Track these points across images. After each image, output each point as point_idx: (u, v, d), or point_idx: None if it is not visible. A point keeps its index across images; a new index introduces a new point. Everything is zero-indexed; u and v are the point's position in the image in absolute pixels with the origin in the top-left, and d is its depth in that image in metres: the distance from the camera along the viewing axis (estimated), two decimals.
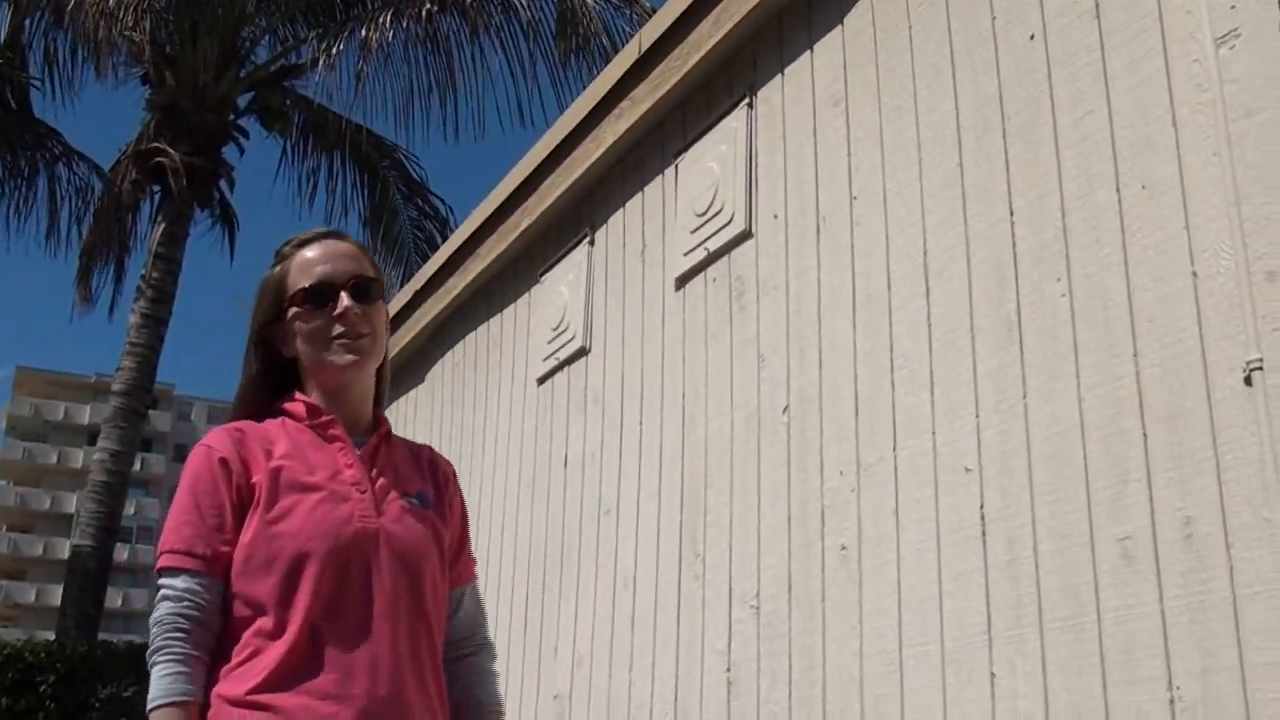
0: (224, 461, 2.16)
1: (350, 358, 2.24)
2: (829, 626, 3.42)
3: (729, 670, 3.79)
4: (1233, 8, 2.54)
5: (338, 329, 2.23)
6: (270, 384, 2.32)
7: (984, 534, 2.96)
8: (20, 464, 74.25)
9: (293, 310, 2.26)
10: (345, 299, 2.23)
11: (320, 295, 2.24)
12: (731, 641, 3.81)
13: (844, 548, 3.41)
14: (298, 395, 2.29)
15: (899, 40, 3.53)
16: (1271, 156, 2.41)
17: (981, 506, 2.98)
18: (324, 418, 2.25)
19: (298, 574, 2.07)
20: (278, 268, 2.32)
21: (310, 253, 2.29)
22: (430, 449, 2.47)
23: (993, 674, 2.88)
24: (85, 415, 71.42)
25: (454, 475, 2.45)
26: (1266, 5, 2.48)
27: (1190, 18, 2.65)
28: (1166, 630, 2.48)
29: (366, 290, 2.27)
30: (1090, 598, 2.66)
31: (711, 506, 4.01)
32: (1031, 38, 3.07)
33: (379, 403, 2.38)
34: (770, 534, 3.72)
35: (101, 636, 11.48)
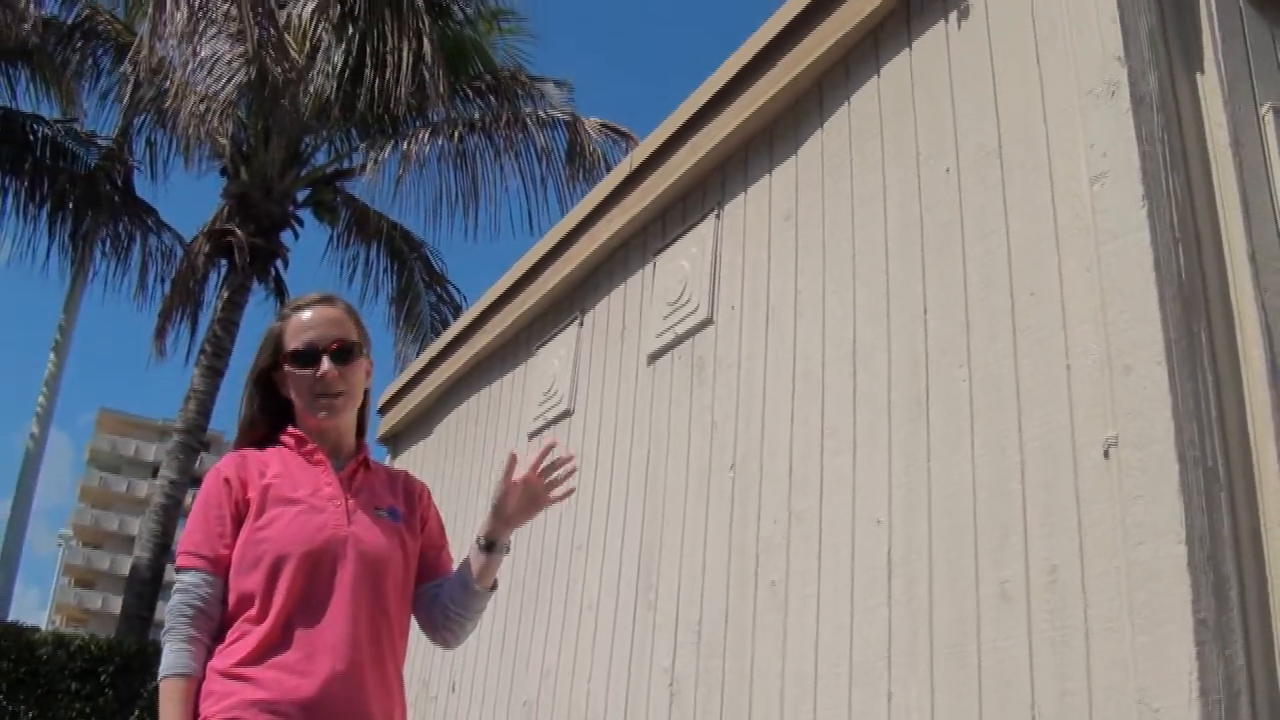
0: (227, 480, 2.25)
1: (324, 414, 2.33)
2: (758, 649, 3.41)
3: (672, 685, 3.77)
4: (1104, 155, 2.61)
5: (318, 388, 2.31)
6: (269, 417, 2.40)
7: (890, 575, 2.98)
8: (96, 490, 73.89)
9: (286, 366, 2.34)
10: (326, 363, 2.31)
11: (305, 358, 2.32)
12: (676, 660, 3.79)
13: (774, 583, 3.41)
14: (290, 429, 2.36)
15: (842, 169, 3.60)
16: (1131, 272, 2.47)
17: (889, 552, 3.00)
18: (309, 446, 2.33)
19: (277, 572, 2.14)
20: (278, 324, 2.40)
21: (304, 316, 2.37)
22: (406, 473, 2.53)
23: (890, 693, 2.88)
24: (151, 453, 70.81)
25: (427, 494, 2.51)
26: (1129, 154, 2.56)
27: (1071, 161, 2.72)
28: (1033, 659, 2.50)
29: (346, 353, 2.34)
30: (973, 630, 2.68)
31: (665, 545, 4.02)
32: (947, 171, 3.14)
33: (361, 433, 2.45)
34: (713, 570, 3.72)
35: (152, 638, 11.41)
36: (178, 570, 2.20)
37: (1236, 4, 2.94)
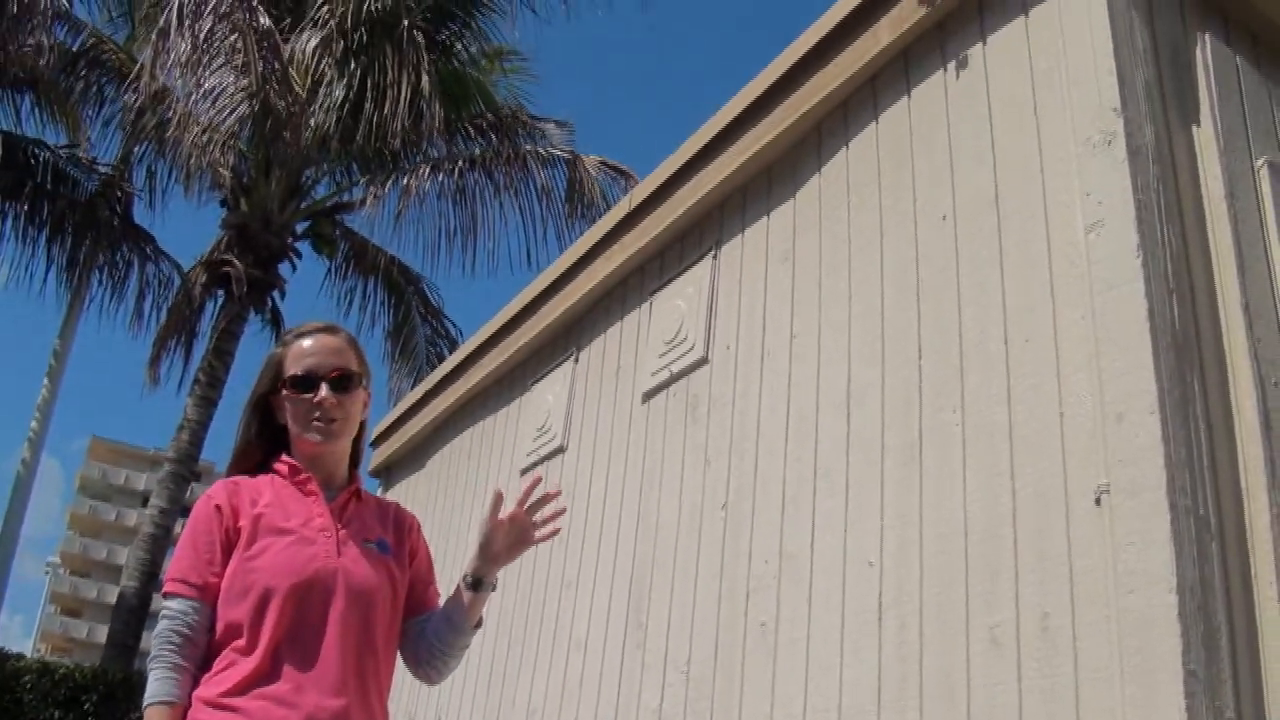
0: (218, 508, 2.24)
1: (319, 439, 2.32)
2: (746, 691, 3.39)
3: None
4: (1099, 204, 2.64)
5: (315, 414, 2.31)
6: (264, 445, 2.39)
7: (880, 618, 2.97)
8: (86, 518, 73.51)
9: (284, 391, 2.34)
10: (324, 389, 2.31)
11: (305, 384, 2.32)
12: (664, 701, 3.77)
13: (764, 624, 3.40)
14: (284, 457, 2.36)
15: (839, 212, 3.62)
16: (1124, 322, 2.48)
17: (880, 595, 2.99)
18: (302, 476, 2.32)
19: (266, 603, 2.13)
20: (280, 350, 2.40)
21: (306, 343, 2.37)
22: (397, 505, 2.52)
23: None
24: (142, 482, 70.61)
25: (417, 527, 2.49)
26: (1125, 204, 2.58)
27: (1067, 210, 2.74)
28: (1022, 706, 2.49)
29: (346, 382, 2.34)
30: (962, 675, 2.66)
31: (655, 584, 4.00)
32: (944, 217, 3.16)
33: (356, 464, 2.44)
34: (703, 610, 3.70)
35: (137, 667, 11.32)
36: (165, 596, 2.19)
37: (1233, 60, 2.98)
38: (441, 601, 2.44)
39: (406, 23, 11.14)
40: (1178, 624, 2.17)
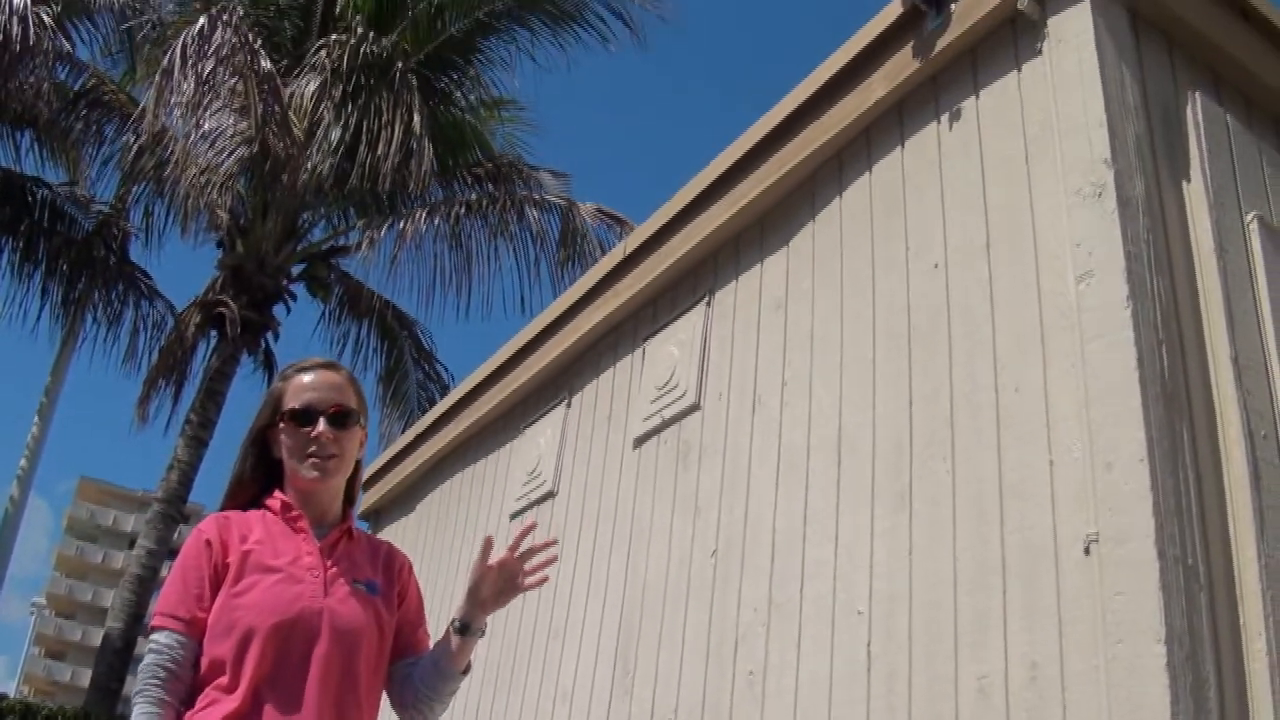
0: (209, 543, 2.23)
1: (315, 474, 2.31)
2: None
3: None
4: (1090, 254, 2.66)
5: (311, 448, 2.31)
6: (259, 480, 2.39)
7: (869, 668, 2.95)
8: (72, 559, 72.93)
9: (282, 424, 2.34)
10: (322, 424, 2.31)
11: (304, 417, 2.32)
12: None
13: (751, 673, 3.38)
14: (277, 493, 2.35)
15: (832, 261, 3.64)
16: (1114, 371, 2.49)
17: (868, 644, 2.98)
18: (294, 513, 2.31)
19: (250, 641, 2.12)
20: (280, 384, 2.41)
21: (306, 378, 2.37)
22: (389, 544, 2.50)
23: None
24: (130, 524, 70.09)
25: (408, 567, 2.48)
26: (1115, 254, 2.60)
27: (1058, 260, 2.77)
28: None
29: (344, 418, 2.34)
30: None
31: (644, 632, 3.98)
32: (936, 266, 3.18)
33: (351, 502, 2.43)
34: (691, 658, 3.68)
35: (121, 711, 11.16)
36: (152, 629, 2.18)
37: (1224, 118, 3.02)
38: (430, 645, 2.43)
39: (400, 65, 11.24)
40: (1166, 674, 2.16)
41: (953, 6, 3.29)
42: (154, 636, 2.17)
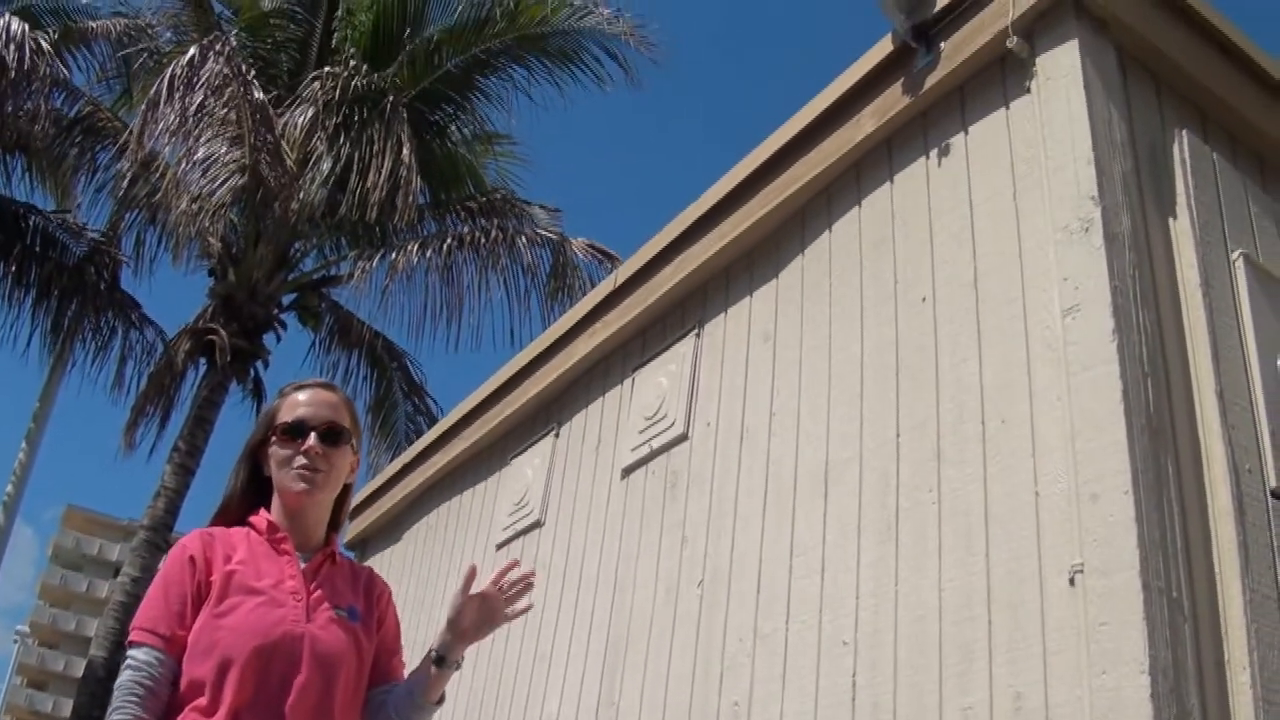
0: (192, 559, 2.21)
1: (302, 485, 2.30)
2: None
3: None
4: (1076, 288, 2.68)
5: (300, 460, 2.30)
6: (249, 500, 2.38)
7: (854, 699, 2.94)
8: (56, 587, 72.21)
9: (274, 438, 2.34)
10: (313, 438, 2.31)
11: (295, 431, 2.32)
12: None
13: (736, 704, 3.36)
14: (263, 512, 2.34)
15: (821, 293, 3.66)
16: (1099, 403, 2.51)
17: (854, 675, 2.97)
18: (278, 534, 2.30)
19: (230, 664, 2.10)
20: (276, 401, 2.41)
21: (301, 395, 2.38)
22: (370, 570, 2.49)
23: None
24: (115, 553, 69.49)
25: (388, 594, 2.47)
26: (1101, 289, 2.62)
27: (1044, 294, 2.78)
28: None
29: (335, 436, 2.34)
30: None
31: (629, 661, 3.96)
32: (924, 299, 3.20)
33: (336, 527, 2.42)
34: (676, 688, 3.66)
35: None
36: (130, 645, 2.15)
37: (1210, 156, 3.05)
38: (406, 673, 2.42)
39: (392, 97, 11.30)
40: (1150, 705, 2.16)
41: (942, 45, 3.33)
42: (131, 653, 2.14)
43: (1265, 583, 2.41)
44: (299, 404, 2.35)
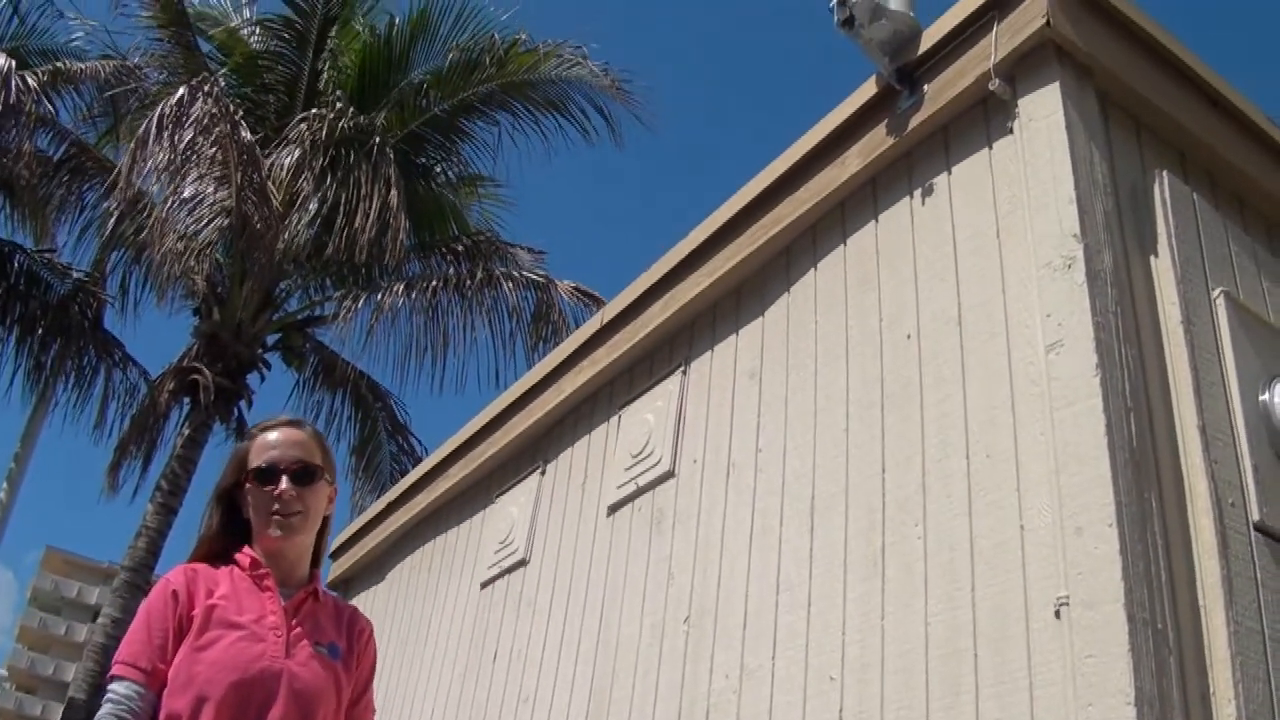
0: (175, 593, 2.23)
1: (279, 533, 2.33)
2: None
3: None
4: (1059, 325, 2.70)
5: (275, 506, 2.32)
6: (227, 536, 2.39)
7: None
8: (35, 631, 71.34)
9: (248, 484, 2.35)
10: (285, 482, 2.33)
11: (266, 475, 2.34)
12: None
13: None
14: (246, 549, 2.35)
15: (806, 330, 3.68)
16: (1083, 437, 2.52)
17: (840, 711, 2.96)
18: (261, 570, 2.32)
19: (207, 698, 2.11)
20: (245, 444, 2.42)
21: (270, 436, 2.40)
22: (353, 608, 2.50)
23: None
24: (94, 596, 68.82)
25: (369, 633, 2.48)
26: (1084, 325, 2.65)
27: (1028, 330, 2.81)
28: None
29: (307, 476, 2.36)
30: None
31: (615, 699, 3.94)
32: (908, 336, 3.23)
33: (317, 562, 2.44)
34: None
35: None
36: (111, 678, 2.15)
37: (1190, 195, 3.10)
38: (371, 717, 2.43)
39: (378, 139, 11.36)
40: None
41: (926, 87, 3.38)
42: (112, 686, 2.15)
43: (1249, 615, 2.42)
44: (268, 445, 2.36)
